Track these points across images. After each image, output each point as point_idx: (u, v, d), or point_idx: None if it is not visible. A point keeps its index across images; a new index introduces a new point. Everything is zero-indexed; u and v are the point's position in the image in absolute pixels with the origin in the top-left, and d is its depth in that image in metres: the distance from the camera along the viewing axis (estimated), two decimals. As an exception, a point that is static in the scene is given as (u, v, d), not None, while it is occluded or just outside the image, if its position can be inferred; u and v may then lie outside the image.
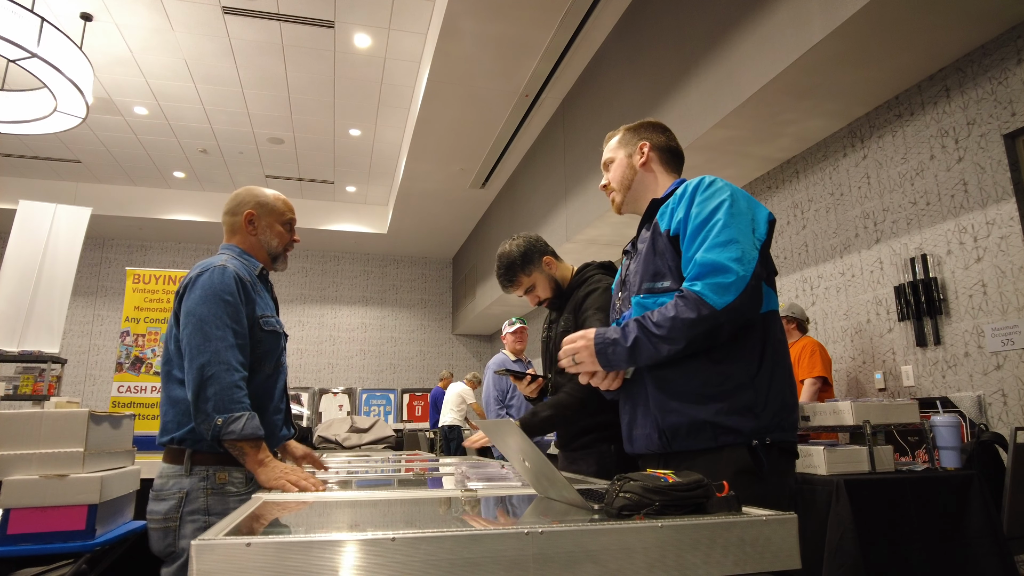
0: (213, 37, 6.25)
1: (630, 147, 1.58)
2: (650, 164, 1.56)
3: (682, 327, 1.25)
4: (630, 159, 1.58)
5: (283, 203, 1.89)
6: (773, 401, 1.29)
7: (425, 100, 6.58)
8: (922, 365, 3.52)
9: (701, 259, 1.28)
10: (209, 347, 1.56)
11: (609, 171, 1.62)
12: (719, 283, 1.24)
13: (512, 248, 2.10)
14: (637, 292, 1.43)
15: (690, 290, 1.27)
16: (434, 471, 2.14)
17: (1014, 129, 3.11)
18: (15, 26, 4.19)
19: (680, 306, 1.26)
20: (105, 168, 9.40)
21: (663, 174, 1.56)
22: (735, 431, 1.26)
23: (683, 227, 1.35)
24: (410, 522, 0.98)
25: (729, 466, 1.25)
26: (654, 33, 4.85)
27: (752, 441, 1.26)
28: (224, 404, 1.53)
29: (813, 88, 3.62)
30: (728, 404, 1.27)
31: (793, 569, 0.85)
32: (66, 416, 2.44)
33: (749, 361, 1.30)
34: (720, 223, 1.29)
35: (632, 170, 1.57)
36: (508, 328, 4.66)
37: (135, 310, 5.81)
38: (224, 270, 1.67)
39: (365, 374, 11.88)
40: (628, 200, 1.59)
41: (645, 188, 1.56)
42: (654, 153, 1.56)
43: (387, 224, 10.71)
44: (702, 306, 1.23)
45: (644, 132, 1.59)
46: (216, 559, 0.69)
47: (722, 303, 1.23)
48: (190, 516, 1.59)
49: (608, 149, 1.63)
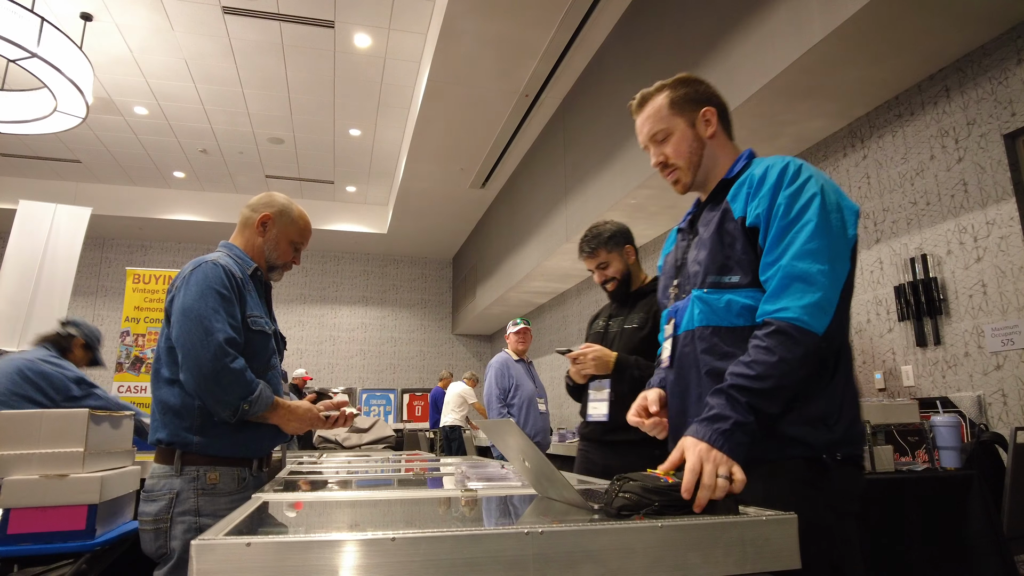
0: (213, 37, 6.25)
1: (690, 114, 1.32)
2: (718, 134, 1.33)
3: (791, 368, 1.05)
4: (695, 130, 1.32)
5: (303, 226, 1.91)
6: (847, 412, 1.14)
7: (425, 100, 6.58)
8: (922, 365, 3.52)
9: (789, 268, 1.10)
10: (212, 341, 1.57)
11: (661, 145, 1.34)
12: (813, 303, 1.06)
13: (605, 225, 2.28)
14: (700, 285, 1.24)
15: (781, 319, 1.07)
16: (434, 471, 2.14)
17: (1014, 129, 3.11)
18: (15, 26, 4.18)
19: (776, 343, 1.06)
20: (105, 168, 9.40)
21: (728, 144, 1.35)
22: (805, 443, 1.10)
23: (764, 222, 1.17)
24: (410, 522, 0.98)
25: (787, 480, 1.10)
26: (654, 33, 4.85)
27: (822, 455, 1.11)
28: (243, 388, 1.59)
29: (813, 88, 3.62)
30: (799, 414, 1.11)
31: (793, 569, 0.85)
32: (66, 416, 2.44)
33: (825, 368, 1.14)
34: (812, 225, 1.12)
35: (700, 143, 1.32)
36: (512, 328, 4.67)
37: (135, 310, 5.81)
38: (216, 265, 1.68)
39: (365, 374, 11.88)
40: (698, 179, 1.34)
41: (715, 163, 1.33)
42: (719, 120, 1.33)
43: (387, 224, 10.71)
44: (804, 335, 1.05)
45: (704, 93, 1.34)
46: (216, 559, 0.69)
47: (822, 326, 1.06)
48: (180, 517, 1.58)
49: (654, 117, 1.34)
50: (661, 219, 5.87)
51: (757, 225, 1.18)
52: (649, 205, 5.46)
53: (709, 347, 1.21)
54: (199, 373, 1.55)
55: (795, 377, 1.06)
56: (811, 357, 1.06)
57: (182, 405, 1.63)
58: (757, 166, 1.25)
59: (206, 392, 1.56)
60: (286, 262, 1.90)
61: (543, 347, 9.49)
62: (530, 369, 4.69)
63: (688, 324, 1.27)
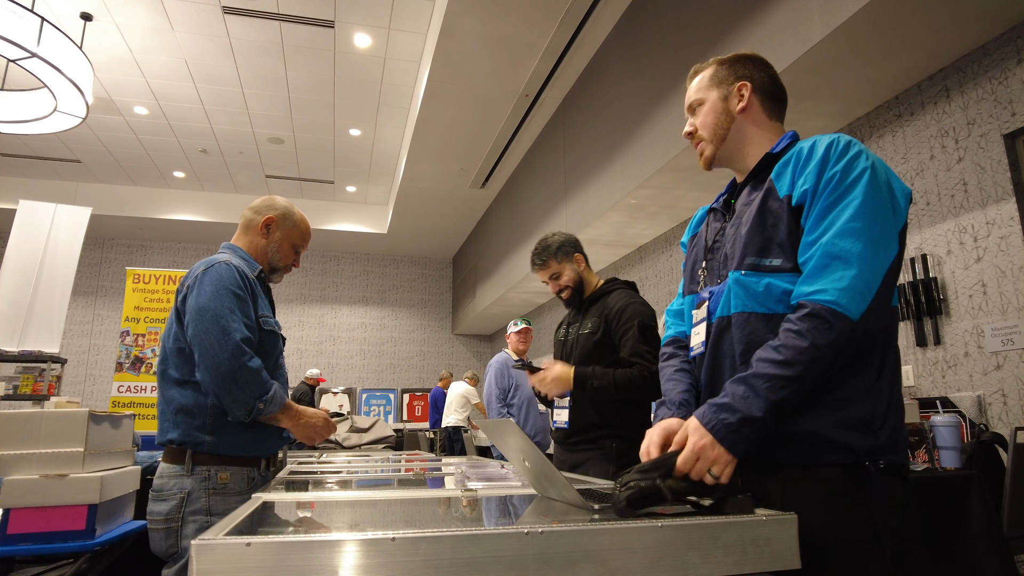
0: (213, 37, 6.25)
1: (725, 87, 1.28)
2: (751, 110, 1.26)
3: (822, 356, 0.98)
4: (726, 103, 1.27)
5: (304, 230, 1.96)
6: (892, 416, 1.05)
7: (425, 100, 6.58)
8: (922, 365, 3.52)
9: (829, 247, 1.02)
10: (229, 339, 1.59)
11: (696, 115, 1.31)
12: (851, 286, 0.99)
13: (553, 237, 2.35)
14: (738, 267, 1.15)
15: (816, 301, 1.00)
16: (434, 471, 2.15)
17: (1014, 129, 3.11)
18: (15, 26, 4.18)
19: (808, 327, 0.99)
20: (105, 168, 9.40)
21: (766, 123, 1.27)
22: (847, 449, 1.01)
23: (809, 199, 1.09)
24: (410, 522, 0.98)
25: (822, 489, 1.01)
26: (654, 33, 4.85)
27: (864, 462, 1.01)
28: (259, 388, 1.62)
29: (813, 88, 3.62)
30: (842, 415, 1.02)
31: (793, 569, 0.85)
32: (66, 416, 2.44)
33: (869, 362, 1.05)
34: (858, 202, 1.03)
35: (729, 116, 1.27)
36: (513, 328, 4.68)
37: (135, 310, 5.81)
38: (229, 266, 1.70)
39: (365, 374, 11.88)
40: (722, 154, 1.28)
41: (745, 139, 1.26)
42: (756, 97, 1.27)
43: (387, 224, 10.71)
44: (837, 319, 0.97)
45: (743, 68, 1.29)
46: (216, 559, 0.69)
47: (859, 311, 0.98)
48: (192, 516, 1.59)
49: (695, 88, 1.32)
50: (661, 219, 5.87)
51: (803, 203, 1.10)
52: (649, 205, 5.47)
53: (745, 335, 1.13)
54: (217, 372, 1.57)
55: (824, 366, 0.99)
56: (845, 345, 0.98)
57: (195, 405, 1.64)
58: (804, 143, 1.18)
59: (223, 391, 1.58)
60: (287, 264, 1.93)
61: (543, 347, 9.50)
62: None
63: (724, 310, 1.18)
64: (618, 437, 2.09)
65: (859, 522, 0.99)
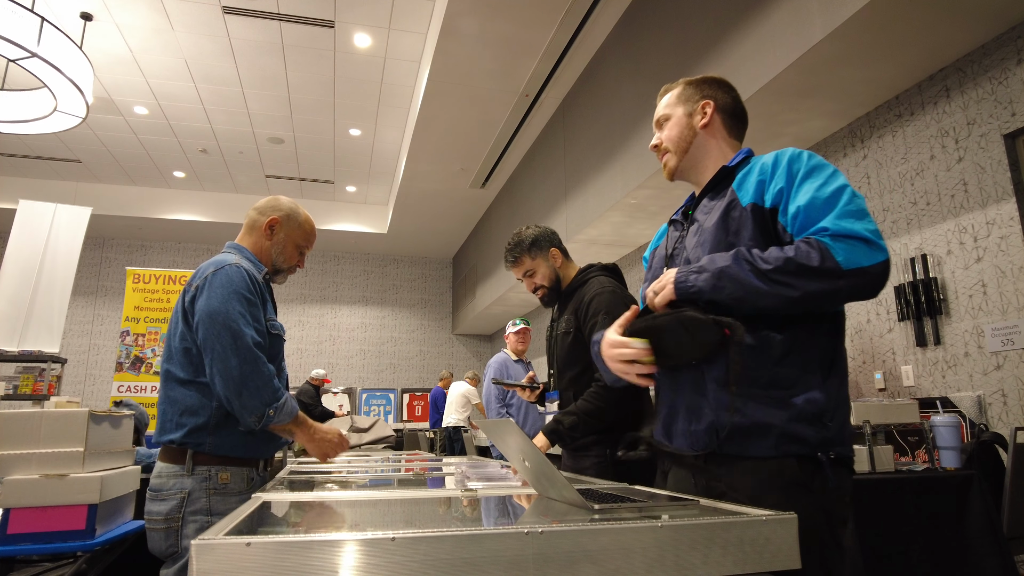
0: (213, 37, 6.25)
1: (691, 104, 1.40)
2: (712, 127, 1.38)
3: (796, 272, 1.06)
4: (690, 118, 1.39)
5: (308, 230, 1.94)
6: (841, 412, 1.15)
7: (425, 100, 6.58)
8: (922, 365, 3.52)
9: (834, 227, 1.08)
10: (241, 344, 1.58)
11: (663, 129, 1.42)
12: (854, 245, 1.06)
13: (526, 231, 2.20)
14: None
15: (816, 239, 1.08)
16: (435, 471, 2.15)
17: (1014, 129, 3.11)
18: (15, 26, 4.19)
19: (801, 249, 1.08)
20: (105, 168, 9.40)
21: (726, 140, 1.39)
22: (801, 440, 1.11)
23: (788, 199, 1.17)
24: (410, 522, 0.98)
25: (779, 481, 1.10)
26: (654, 33, 4.85)
27: (816, 453, 1.11)
28: (270, 395, 1.61)
29: (813, 88, 3.62)
30: (798, 410, 1.12)
31: (793, 569, 0.85)
32: (66, 416, 2.44)
33: (821, 362, 1.15)
34: (849, 191, 1.12)
35: (692, 131, 1.38)
36: (511, 328, 4.67)
37: (135, 310, 5.81)
38: (239, 268, 1.69)
39: (365, 374, 11.88)
40: (684, 165, 1.39)
41: (705, 153, 1.37)
42: (719, 115, 1.38)
43: (387, 224, 10.71)
44: (827, 258, 1.05)
45: (708, 89, 1.41)
46: (216, 559, 0.69)
47: (851, 263, 1.05)
48: (192, 516, 1.59)
49: (663, 104, 1.44)
50: (661, 219, 5.87)
51: (777, 204, 1.18)
52: (649, 205, 5.46)
53: None
54: (228, 377, 1.56)
55: (797, 280, 1.06)
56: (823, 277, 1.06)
57: (199, 406, 1.63)
58: (766, 156, 1.26)
59: (234, 396, 1.57)
60: (291, 266, 1.91)
61: (543, 347, 9.49)
62: (529, 369, 4.69)
63: None
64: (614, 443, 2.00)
65: (814, 510, 1.06)
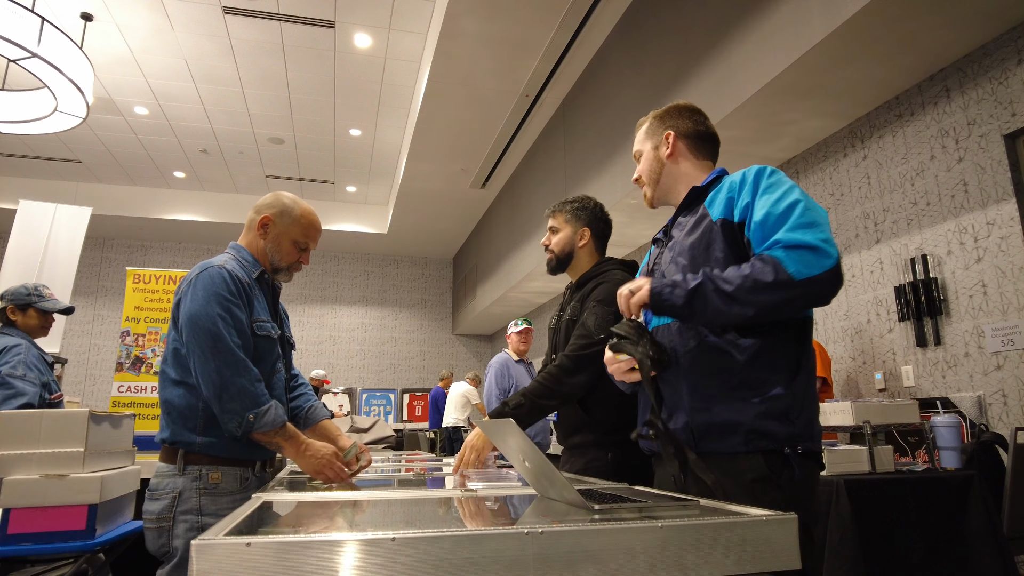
0: (213, 37, 6.25)
1: (656, 138, 1.52)
2: (677, 155, 1.49)
3: (753, 289, 1.15)
4: (656, 151, 1.51)
5: (306, 225, 1.84)
6: (807, 408, 1.23)
7: (425, 100, 6.58)
8: (922, 365, 3.52)
9: (786, 239, 1.17)
10: (221, 346, 1.56)
11: (639, 163, 1.55)
12: (803, 256, 1.14)
13: (583, 198, 2.24)
14: None
15: (769, 255, 1.17)
16: (435, 471, 2.15)
17: (1014, 129, 3.11)
18: (15, 26, 4.19)
19: (756, 267, 1.16)
20: (105, 168, 9.40)
21: (694, 161, 1.49)
22: (769, 436, 1.19)
23: (751, 213, 1.26)
24: (410, 522, 0.98)
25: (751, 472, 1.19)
26: (655, 33, 4.85)
27: (784, 448, 1.19)
28: (252, 400, 1.56)
29: (813, 88, 3.62)
30: (765, 408, 1.20)
31: (793, 569, 0.85)
32: (66, 416, 2.43)
33: (787, 364, 1.23)
34: (802, 205, 1.21)
35: (659, 163, 1.50)
36: (513, 328, 4.67)
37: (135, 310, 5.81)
38: (221, 270, 1.67)
39: (365, 374, 11.88)
40: (658, 194, 1.52)
41: (676, 179, 1.49)
42: (681, 142, 1.49)
43: (387, 224, 10.71)
44: (779, 271, 1.14)
45: (670, 119, 1.51)
46: (216, 559, 0.69)
47: (801, 275, 1.13)
48: (183, 516, 1.58)
49: (636, 141, 1.56)
50: (661, 219, 5.85)
51: (744, 219, 1.27)
52: (649, 205, 5.46)
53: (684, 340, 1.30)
54: (208, 380, 1.55)
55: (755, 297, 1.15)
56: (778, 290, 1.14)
57: (187, 405, 1.63)
58: (733, 175, 1.35)
59: (215, 400, 1.56)
60: (291, 263, 1.85)
61: (544, 347, 9.49)
62: (530, 369, 4.69)
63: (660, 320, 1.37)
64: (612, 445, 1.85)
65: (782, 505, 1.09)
